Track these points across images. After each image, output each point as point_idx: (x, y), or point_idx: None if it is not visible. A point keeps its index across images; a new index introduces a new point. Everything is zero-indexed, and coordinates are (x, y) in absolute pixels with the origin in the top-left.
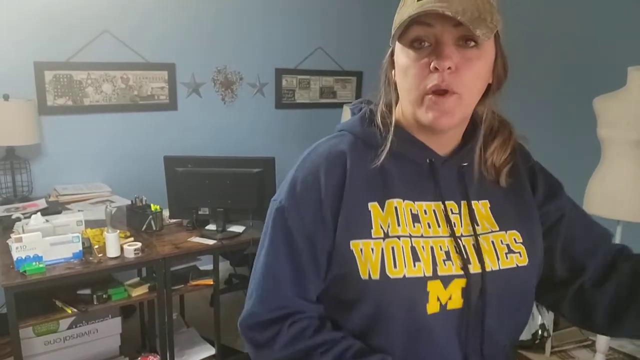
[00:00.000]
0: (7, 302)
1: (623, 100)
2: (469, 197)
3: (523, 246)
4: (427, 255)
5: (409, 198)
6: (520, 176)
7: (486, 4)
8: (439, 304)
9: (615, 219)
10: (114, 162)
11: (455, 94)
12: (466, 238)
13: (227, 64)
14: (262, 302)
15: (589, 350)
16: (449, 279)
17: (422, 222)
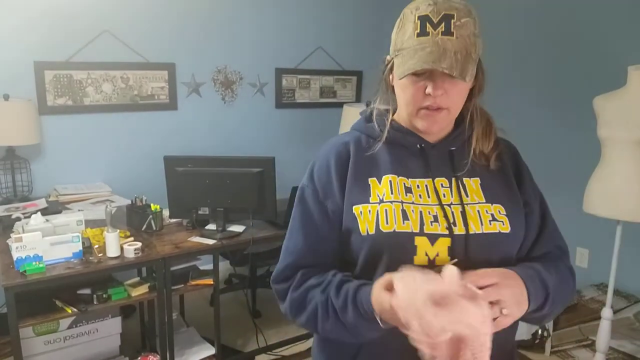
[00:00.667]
0: (7, 302)
1: (623, 100)
2: (459, 174)
3: (507, 217)
4: (415, 216)
5: (403, 175)
6: (505, 164)
7: (472, 37)
8: (427, 258)
9: (615, 219)
10: (114, 162)
11: (445, 109)
12: (455, 206)
13: (227, 63)
14: (283, 260)
15: (588, 350)
16: (434, 237)
17: (414, 193)
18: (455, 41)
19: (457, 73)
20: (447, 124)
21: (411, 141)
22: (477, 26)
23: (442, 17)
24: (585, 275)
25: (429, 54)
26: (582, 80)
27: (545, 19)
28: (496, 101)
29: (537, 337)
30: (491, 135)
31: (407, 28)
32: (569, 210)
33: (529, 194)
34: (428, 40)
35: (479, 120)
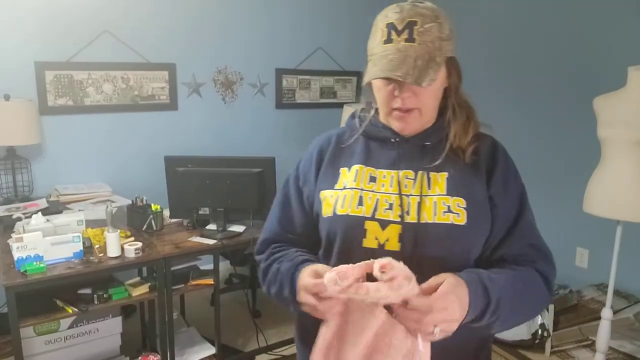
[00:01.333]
0: (7, 302)
1: (623, 100)
2: (428, 168)
3: (465, 210)
4: (371, 202)
5: (372, 165)
6: (480, 158)
7: (436, 42)
8: (377, 242)
9: (615, 219)
10: (115, 162)
11: (416, 110)
12: (413, 197)
13: (228, 64)
14: (261, 236)
15: (588, 350)
16: (385, 223)
17: (377, 182)
18: (418, 47)
19: (412, 79)
20: (423, 122)
21: (386, 135)
22: (444, 29)
23: (406, 24)
24: (585, 275)
25: (389, 62)
26: (582, 81)
27: (545, 19)
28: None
29: (537, 337)
30: (469, 130)
31: (377, 35)
32: (569, 210)
33: (496, 189)
34: (392, 47)
35: (458, 116)
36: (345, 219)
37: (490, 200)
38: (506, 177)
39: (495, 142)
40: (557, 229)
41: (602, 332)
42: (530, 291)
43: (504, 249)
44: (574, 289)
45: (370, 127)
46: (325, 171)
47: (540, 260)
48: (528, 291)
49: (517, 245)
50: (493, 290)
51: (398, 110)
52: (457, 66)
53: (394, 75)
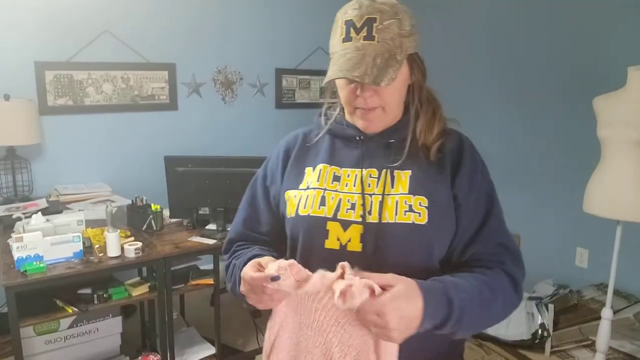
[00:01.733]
0: (7, 302)
1: (623, 100)
2: (391, 167)
3: (426, 209)
4: (333, 203)
5: (336, 164)
6: (445, 155)
7: (397, 39)
8: (339, 243)
9: (615, 219)
10: (115, 162)
11: (379, 108)
12: (376, 196)
13: (228, 64)
14: (228, 235)
15: (588, 350)
16: (347, 223)
17: (341, 182)
18: (377, 45)
19: (370, 80)
20: (388, 120)
21: (351, 133)
22: (404, 26)
23: (365, 21)
24: (585, 275)
25: (347, 61)
26: (582, 81)
27: (546, 19)
28: (496, 101)
29: (537, 337)
30: (433, 126)
31: (337, 33)
32: (568, 210)
33: (461, 187)
34: (351, 45)
35: (423, 112)
36: (307, 220)
37: (454, 199)
38: (472, 175)
39: (462, 138)
40: (557, 229)
41: (602, 332)
42: (498, 298)
43: (473, 249)
44: (574, 289)
45: (335, 125)
46: (290, 170)
47: (509, 262)
48: (495, 298)
49: (486, 245)
50: (457, 299)
51: (361, 109)
52: (421, 62)
53: (351, 76)
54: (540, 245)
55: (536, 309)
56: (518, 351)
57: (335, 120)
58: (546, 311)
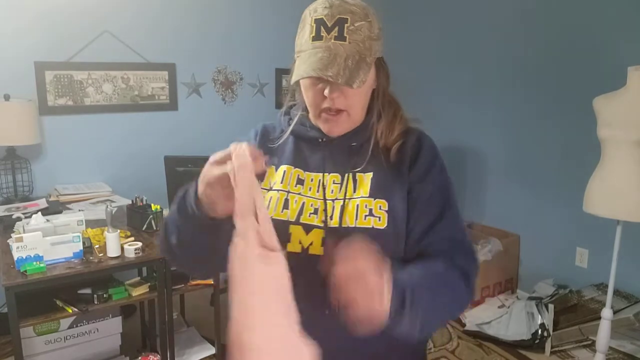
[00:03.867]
0: (7, 302)
1: (623, 100)
2: (354, 169)
3: (386, 213)
4: (296, 206)
5: (300, 167)
6: (405, 156)
7: (367, 41)
8: (301, 246)
9: (615, 219)
10: (115, 162)
11: (345, 111)
12: (338, 201)
13: (228, 64)
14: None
15: (588, 350)
16: (309, 227)
17: (305, 185)
18: (348, 46)
19: (343, 80)
20: (352, 124)
21: (313, 135)
22: (374, 29)
23: (336, 20)
24: (585, 275)
25: (319, 60)
26: (582, 81)
27: (545, 18)
28: (495, 100)
29: (537, 337)
30: (394, 128)
31: (305, 31)
32: (568, 210)
33: (415, 180)
34: (321, 45)
35: (385, 115)
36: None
37: (409, 192)
38: (427, 169)
39: (421, 136)
40: (557, 229)
41: (602, 332)
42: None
43: (425, 242)
44: (574, 289)
45: (299, 126)
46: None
47: (461, 255)
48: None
49: (439, 240)
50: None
51: (327, 112)
52: (385, 67)
53: (324, 75)
54: (540, 245)
55: (536, 309)
56: (518, 351)
57: (299, 122)
58: (546, 311)
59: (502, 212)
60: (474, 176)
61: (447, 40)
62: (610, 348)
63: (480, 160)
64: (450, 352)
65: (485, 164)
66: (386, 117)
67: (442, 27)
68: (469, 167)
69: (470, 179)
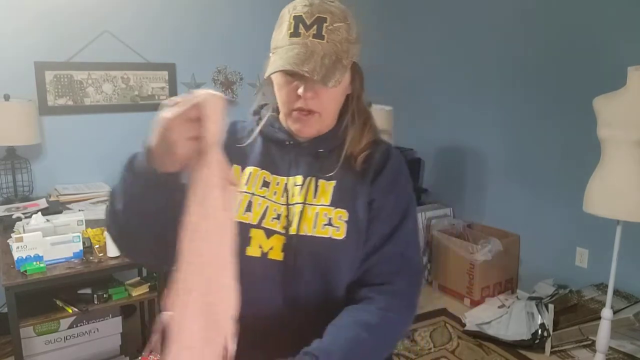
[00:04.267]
0: (7, 302)
1: (623, 100)
2: (317, 176)
3: (346, 224)
4: (259, 210)
5: (267, 169)
6: (370, 167)
7: (344, 43)
8: (261, 250)
9: (615, 219)
10: (115, 162)
11: (317, 113)
12: (298, 205)
13: (228, 64)
14: None
15: (588, 350)
16: (271, 232)
17: (270, 188)
18: (326, 45)
19: (319, 77)
20: (322, 127)
21: (281, 137)
22: (352, 32)
23: (315, 19)
24: (585, 275)
25: (295, 55)
26: (582, 81)
27: (545, 18)
28: (495, 100)
29: (537, 337)
30: (362, 137)
31: (283, 27)
32: (568, 210)
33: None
34: (299, 41)
35: (356, 123)
36: None
37: (370, 204)
38: (391, 182)
39: (389, 150)
40: (557, 229)
41: (602, 332)
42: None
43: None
44: (574, 289)
45: (268, 128)
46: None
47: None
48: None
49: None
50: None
51: (299, 111)
52: (361, 73)
53: (300, 70)
54: (540, 245)
55: (536, 309)
56: (518, 351)
57: (268, 122)
58: (546, 311)
59: (502, 212)
60: (474, 176)
61: (447, 40)
62: (610, 348)
63: (480, 160)
64: (450, 352)
65: (485, 164)
66: (356, 125)
67: (442, 27)
68: (469, 167)
69: (470, 179)
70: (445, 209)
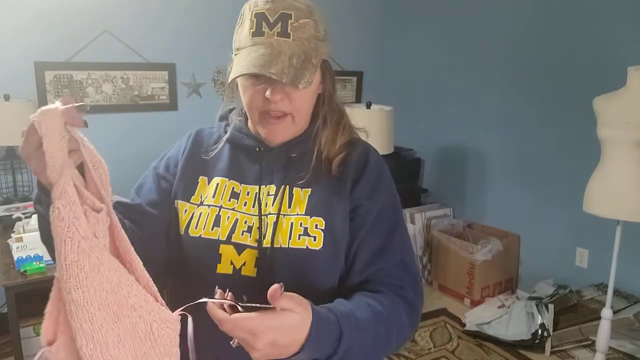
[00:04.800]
0: (7, 302)
1: (623, 100)
2: (291, 183)
3: (322, 233)
4: (228, 223)
5: (236, 179)
6: (347, 170)
7: (312, 41)
8: (232, 267)
9: (615, 219)
10: (114, 162)
11: (288, 115)
12: (271, 216)
13: (228, 64)
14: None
15: (588, 350)
16: (242, 247)
17: (240, 199)
18: (292, 44)
19: (288, 80)
20: (295, 130)
21: (249, 144)
22: (319, 29)
23: (279, 16)
24: (585, 275)
25: (260, 56)
26: (582, 81)
27: (546, 18)
28: (495, 100)
29: (537, 337)
30: (337, 138)
31: (244, 26)
32: (568, 210)
33: (360, 197)
34: (263, 41)
35: (328, 123)
36: (198, 243)
37: (353, 210)
38: (375, 186)
39: (367, 150)
40: (557, 229)
41: (602, 332)
42: (392, 334)
43: (375, 266)
44: (574, 289)
45: (235, 134)
46: (183, 177)
47: (409, 287)
48: (389, 335)
49: (388, 264)
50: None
51: (268, 115)
52: (331, 71)
53: (267, 72)
54: (540, 245)
55: (536, 309)
56: (518, 351)
57: (235, 128)
58: (546, 311)
59: (502, 212)
60: (474, 176)
61: (447, 40)
62: (610, 348)
63: (480, 160)
64: (450, 352)
65: (485, 163)
66: (330, 126)
67: (443, 27)
68: (469, 167)
69: (471, 179)
70: (445, 209)
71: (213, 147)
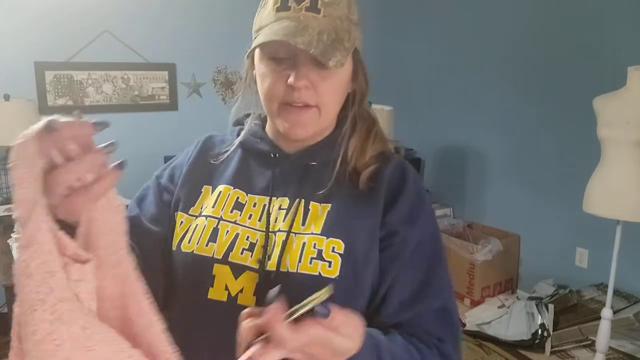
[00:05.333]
0: (7, 302)
1: (623, 100)
2: (308, 196)
3: (340, 258)
4: (226, 239)
5: (242, 188)
6: (380, 185)
7: (345, 21)
8: (227, 293)
9: (615, 219)
10: (114, 162)
11: (314, 107)
12: (280, 233)
13: (228, 64)
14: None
15: (588, 350)
16: (240, 269)
17: (244, 211)
18: (323, 20)
19: (318, 52)
20: (321, 128)
21: (264, 149)
22: (353, 11)
23: None
24: (585, 275)
25: (284, 27)
26: (582, 80)
27: (545, 18)
28: (495, 100)
29: (537, 337)
30: (367, 148)
31: (268, 5)
32: (568, 210)
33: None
34: (288, 15)
35: (358, 129)
36: (189, 259)
37: (388, 237)
38: (416, 210)
39: (404, 166)
40: (557, 229)
41: (602, 332)
42: None
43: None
44: (574, 289)
45: (248, 137)
46: (184, 186)
47: (448, 340)
48: None
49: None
50: None
51: (289, 106)
52: (365, 67)
53: (292, 41)
54: (540, 245)
55: (536, 309)
56: (518, 351)
57: (249, 131)
58: (546, 311)
59: (502, 212)
60: (474, 176)
61: (447, 39)
62: (610, 348)
63: (480, 160)
64: None
65: (486, 163)
66: (359, 133)
67: (443, 27)
68: (469, 167)
69: (471, 179)
70: (446, 209)
71: (223, 151)
